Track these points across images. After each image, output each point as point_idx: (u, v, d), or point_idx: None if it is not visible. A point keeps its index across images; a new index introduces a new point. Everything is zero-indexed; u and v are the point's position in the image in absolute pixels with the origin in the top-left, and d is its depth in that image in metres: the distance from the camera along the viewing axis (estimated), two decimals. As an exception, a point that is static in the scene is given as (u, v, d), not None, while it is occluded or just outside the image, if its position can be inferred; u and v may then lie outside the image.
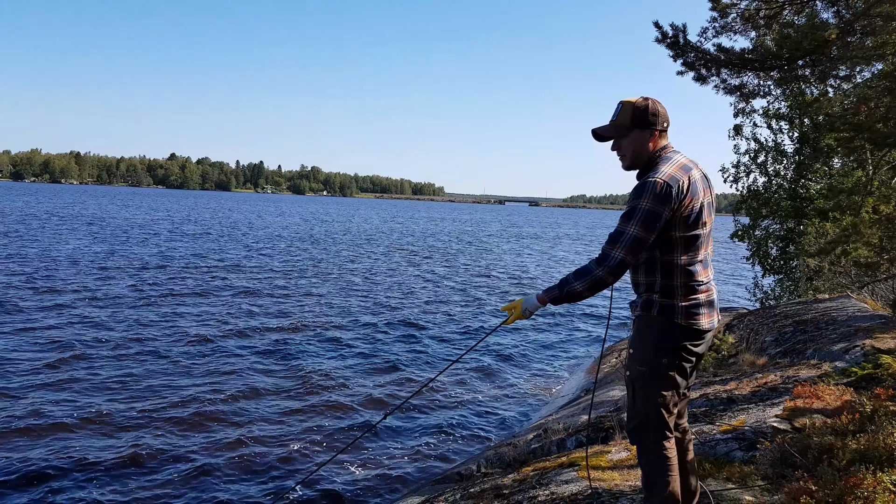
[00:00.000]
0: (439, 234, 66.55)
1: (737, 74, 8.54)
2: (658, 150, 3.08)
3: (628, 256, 2.91)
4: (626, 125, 3.08)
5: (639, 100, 3.09)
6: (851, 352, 7.75)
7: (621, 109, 3.10)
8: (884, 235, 8.88)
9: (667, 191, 2.88)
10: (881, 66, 8.10)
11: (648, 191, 2.89)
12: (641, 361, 3.07)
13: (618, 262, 2.92)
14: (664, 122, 3.08)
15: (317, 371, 13.06)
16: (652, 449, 3.05)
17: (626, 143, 3.10)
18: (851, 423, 4.31)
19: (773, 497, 3.76)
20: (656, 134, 3.07)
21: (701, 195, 2.99)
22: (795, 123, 19.21)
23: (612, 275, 2.94)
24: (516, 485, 4.90)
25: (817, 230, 12.99)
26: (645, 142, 3.07)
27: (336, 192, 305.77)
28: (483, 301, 24.02)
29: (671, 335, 3.00)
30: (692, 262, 3.01)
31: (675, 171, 2.95)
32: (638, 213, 2.89)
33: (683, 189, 2.92)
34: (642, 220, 2.88)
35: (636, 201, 2.91)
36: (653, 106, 3.07)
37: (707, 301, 3.04)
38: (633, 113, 3.07)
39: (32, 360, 12.58)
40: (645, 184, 2.92)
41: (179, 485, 8.07)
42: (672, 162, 3.00)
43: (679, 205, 2.90)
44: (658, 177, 2.91)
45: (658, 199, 2.87)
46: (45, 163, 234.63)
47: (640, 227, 2.88)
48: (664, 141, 3.11)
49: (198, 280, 24.25)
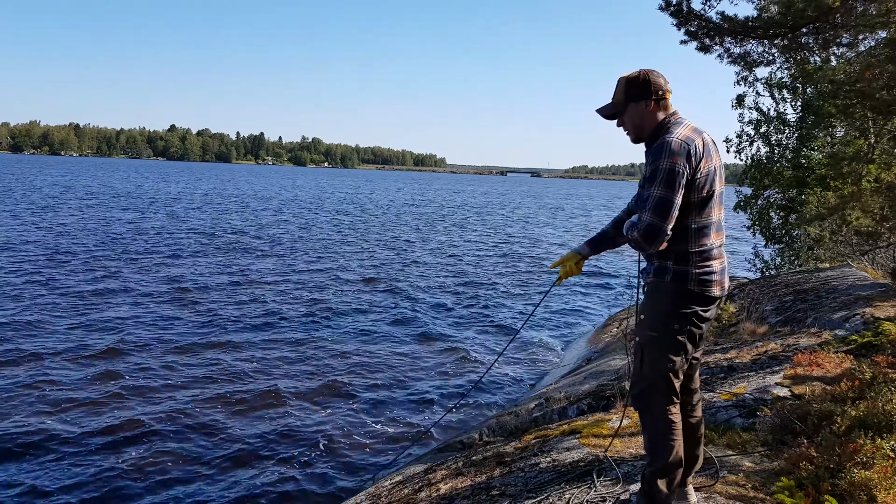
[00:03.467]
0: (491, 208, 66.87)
1: (740, 43, 8.47)
2: (665, 118, 3.08)
3: (657, 219, 2.88)
4: (621, 100, 3.12)
5: (632, 73, 3.11)
6: (851, 320, 7.79)
7: (617, 86, 3.14)
8: (885, 204, 8.86)
9: (685, 148, 2.89)
10: (885, 34, 8.02)
11: (666, 150, 2.90)
12: (652, 327, 3.08)
13: (646, 226, 2.90)
14: (659, 91, 3.06)
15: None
16: (657, 413, 3.07)
17: (626, 117, 3.13)
18: (851, 390, 4.36)
19: (772, 463, 3.81)
20: (652, 104, 3.06)
21: (714, 158, 3.01)
22: (798, 92, 19.06)
23: (645, 239, 2.92)
24: (518, 452, 4.96)
25: (819, 199, 12.96)
26: (643, 113, 3.08)
27: (337, 163, 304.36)
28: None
29: (683, 301, 3.02)
30: (706, 226, 3.02)
31: (688, 132, 2.96)
32: (660, 174, 2.89)
33: (700, 149, 2.93)
34: (664, 180, 2.88)
35: (656, 163, 2.92)
36: (645, 77, 3.07)
37: (720, 269, 3.06)
38: (625, 87, 3.10)
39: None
40: (662, 144, 2.92)
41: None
42: (684, 125, 3.01)
43: (697, 165, 2.92)
44: (674, 137, 2.92)
45: (677, 155, 2.88)
46: (45, 135, 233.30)
47: (664, 186, 2.88)
48: (668, 109, 3.10)
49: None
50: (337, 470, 8.11)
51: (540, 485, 3.95)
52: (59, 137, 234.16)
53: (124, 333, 13.00)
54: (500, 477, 4.37)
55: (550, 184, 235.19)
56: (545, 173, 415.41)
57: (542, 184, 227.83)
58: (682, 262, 3.02)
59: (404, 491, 4.95)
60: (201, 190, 70.45)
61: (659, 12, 8.32)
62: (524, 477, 4.20)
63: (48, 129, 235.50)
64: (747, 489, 3.47)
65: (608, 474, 3.82)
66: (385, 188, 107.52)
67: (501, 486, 4.15)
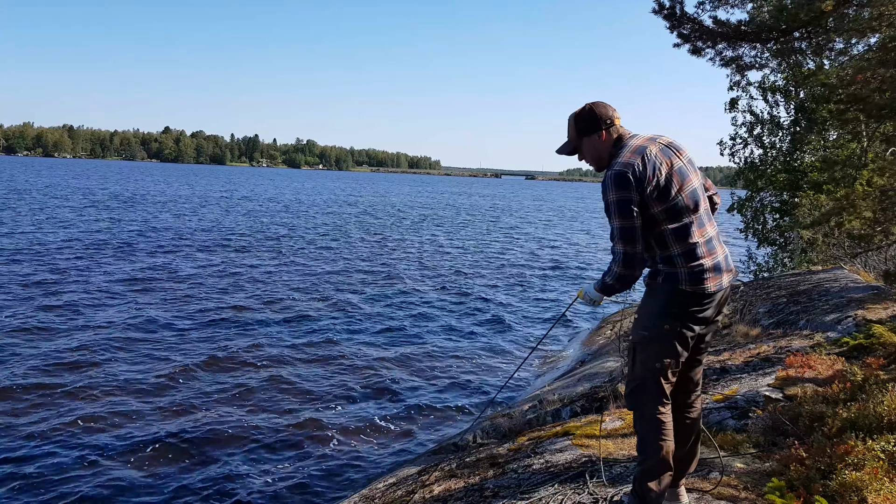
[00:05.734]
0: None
1: (733, 47, 8.51)
2: (613, 144, 3.20)
3: (626, 247, 3.04)
4: (575, 137, 3.27)
5: (578, 110, 3.25)
6: (844, 322, 7.82)
7: (568, 124, 3.29)
8: (877, 208, 8.90)
9: (622, 177, 3.00)
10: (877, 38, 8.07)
11: (608, 184, 3.05)
12: (644, 326, 3.14)
13: (621, 255, 3.06)
14: (607, 120, 3.18)
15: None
16: (647, 413, 3.11)
17: (585, 151, 3.28)
18: (842, 391, 4.38)
19: (764, 464, 3.82)
20: (603, 133, 3.19)
21: (663, 166, 3.06)
22: (791, 96, 19.16)
23: (624, 266, 3.08)
24: (511, 454, 4.97)
25: (812, 202, 13.03)
26: (597, 145, 3.22)
27: (332, 165, 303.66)
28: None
29: (675, 301, 3.07)
30: (684, 226, 3.07)
31: (628, 157, 3.06)
32: (611, 208, 3.04)
33: (639, 170, 3.02)
34: (617, 211, 3.02)
35: (605, 198, 3.08)
36: (589, 110, 3.20)
37: (713, 265, 3.08)
38: (575, 125, 3.25)
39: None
40: (604, 180, 3.09)
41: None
42: (626, 149, 3.12)
43: (642, 185, 3.01)
44: (613, 169, 3.05)
45: (619, 188, 3.01)
46: (38, 136, 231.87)
47: (619, 217, 3.02)
48: (617, 133, 3.21)
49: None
50: (330, 471, 8.10)
51: (533, 486, 3.96)
52: (52, 139, 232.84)
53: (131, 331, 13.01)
54: (493, 478, 4.38)
55: (547, 186, 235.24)
56: (539, 176, 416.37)
57: (543, 186, 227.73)
58: (670, 265, 3.09)
59: (398, 492, 4.96)
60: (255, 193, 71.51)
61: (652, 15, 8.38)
62: (517, 478, 4.21)
63: (42, 131, 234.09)
64: (739, 490, 3.49)
65: (601, 476, 3.83)
66: (403, 191, 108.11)
67: (494, 487, 4.16)
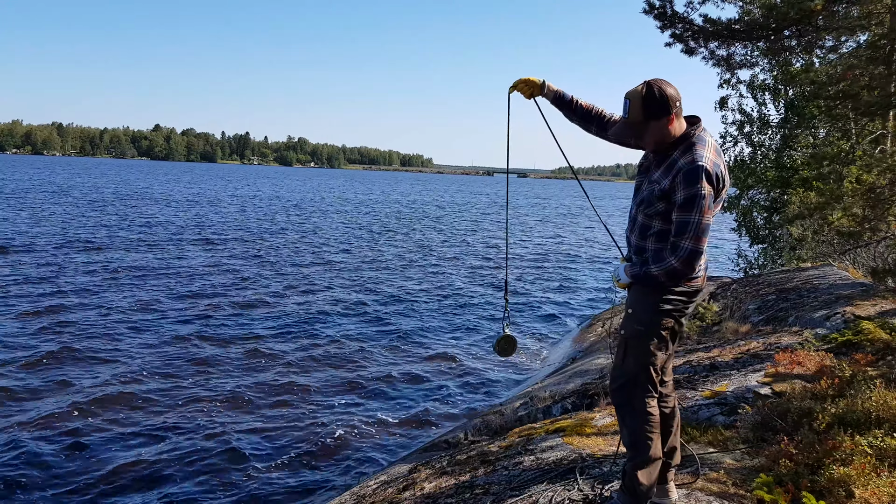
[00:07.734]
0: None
1: (725, 46, 8.54)
2: (686, 129, 3.03)
3: (699, 244, 2.91)
4: (640, 120, 3.00)
5: (643, 89, 2.97)
6: (832, 319, 7.87)
7: (630, 105, 3.00)
8: (866, 205, 8.95)
9: (714, 175, 2.89)
10: (866, 37, 8.11)
11: (699, 176, 2.87)
12: (640, 321, 3.11)
13: (688, 251, 2.91)
14: (677, 102, 2.96)
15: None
16: (638, 407, 3.10)
17: (647, 135, 3.03)
18: (831, 387, 4.40)
19: (753, 460, 3.84)
20: (673, 117, 2.97)
21: (727, 178, 3.02)
22: (781, 94, 19.26)
23: (685, 264, 2.93)
24: (502, 451, 4.98)
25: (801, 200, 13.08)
26: (664, 128, 2.98)
27: (324, 163, 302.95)
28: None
29: (671, 297, 3.06)
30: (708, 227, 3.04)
31: (714, 156, 2.94)
32: (697, 201, 2.87)
33: (722, 173, 2.94)
34: (703, 206, 2.87)
35: (693, 188, 2.88)
36: (660, 90, 2.95)
37: (704, 264, 3.12)
38: (643, 106, 2.97)
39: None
40: (696, 169, 2.89)
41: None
42: (708, 146, 2.97)
43: (719, 188, 2.94)
44: (706, 163, 2.89)
45: (710, 183, 2.87)
46: (27, 134, 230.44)
47: (701, 212, 2.88)
48: (682, 118, 3.04)
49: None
50: (321, 469, 8.10)
51: (524, 483, 3.97)
52: (41, 137, 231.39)
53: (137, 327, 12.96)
54: (484, 476, 4.38)
55: (541, 184, 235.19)
56: (532, 174, 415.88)
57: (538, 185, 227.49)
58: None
59: (389, 490, 4.96)
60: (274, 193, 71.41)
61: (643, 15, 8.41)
62: (508, 475, 4.22)
63: (31, 129, 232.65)
64: (728, 486, 3.51)
65: (591, 472, 3.84)
66: (405, 189, 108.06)
67: (485, 484, 4.17)
